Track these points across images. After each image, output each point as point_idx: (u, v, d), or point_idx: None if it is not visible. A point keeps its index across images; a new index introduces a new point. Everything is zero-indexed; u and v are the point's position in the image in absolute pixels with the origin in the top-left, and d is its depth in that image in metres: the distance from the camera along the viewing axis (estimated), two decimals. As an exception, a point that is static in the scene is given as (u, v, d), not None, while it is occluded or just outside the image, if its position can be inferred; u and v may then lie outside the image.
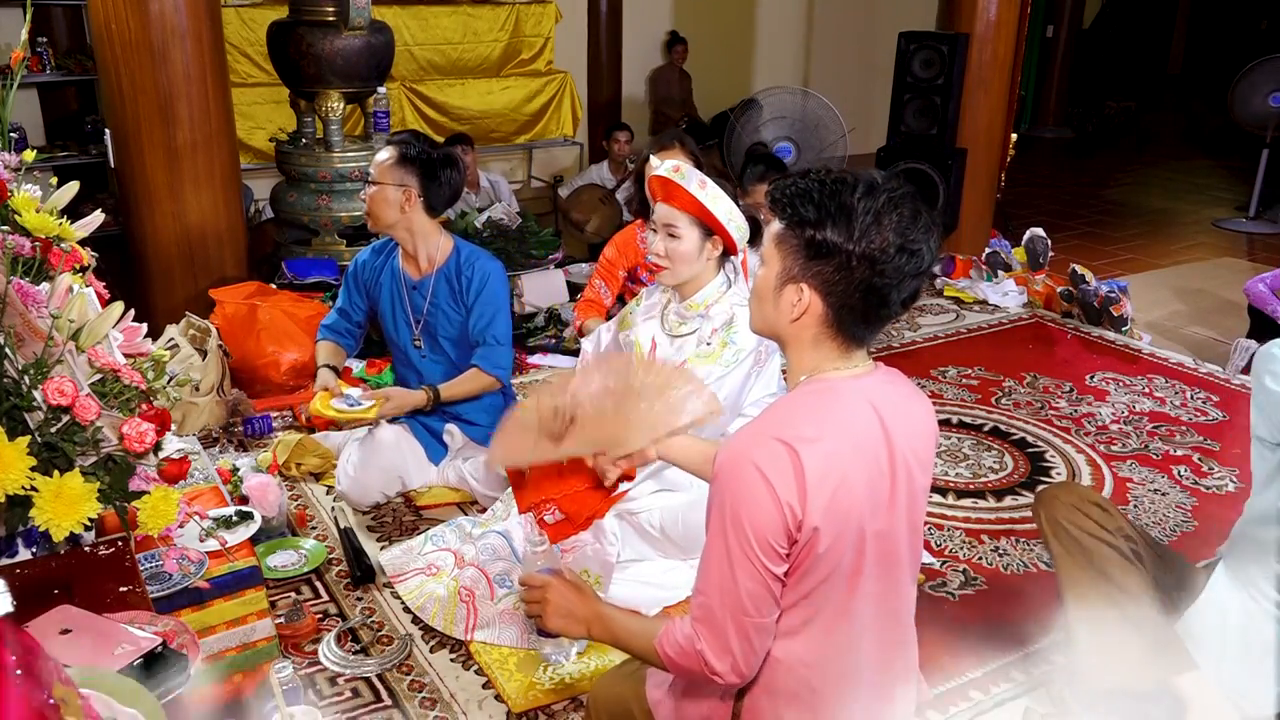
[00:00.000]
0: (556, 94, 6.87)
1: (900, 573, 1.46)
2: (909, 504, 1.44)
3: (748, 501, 1.31)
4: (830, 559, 1.35)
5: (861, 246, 1.31)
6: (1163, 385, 3.93)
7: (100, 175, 5.17)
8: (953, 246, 5.24)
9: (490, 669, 2.23)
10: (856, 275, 1.33)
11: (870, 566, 1.40)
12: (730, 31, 8.31)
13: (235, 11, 5.71)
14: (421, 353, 2.88)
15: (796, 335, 1.41)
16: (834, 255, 1.33)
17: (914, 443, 1.43)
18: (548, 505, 2.52)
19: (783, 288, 1.38)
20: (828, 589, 1.37)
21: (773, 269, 1.40)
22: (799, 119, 5.14)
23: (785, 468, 1.31)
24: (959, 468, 3.24)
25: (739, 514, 1.32)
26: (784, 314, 1.39)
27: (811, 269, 1.35)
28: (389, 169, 2.69)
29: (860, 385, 1.41)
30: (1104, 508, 2.02)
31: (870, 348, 1.46)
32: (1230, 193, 7.54)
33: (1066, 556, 2.00)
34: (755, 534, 1.31)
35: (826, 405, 1.38)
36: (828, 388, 1.40)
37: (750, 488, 1.31)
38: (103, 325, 1.55)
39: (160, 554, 1.96)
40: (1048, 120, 10.27)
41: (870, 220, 1.31)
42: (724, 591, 1.34)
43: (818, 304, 1.37)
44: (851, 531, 1.36)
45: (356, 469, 2.84)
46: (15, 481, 1.33)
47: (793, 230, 1.36)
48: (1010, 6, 5.04)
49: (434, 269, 2.82)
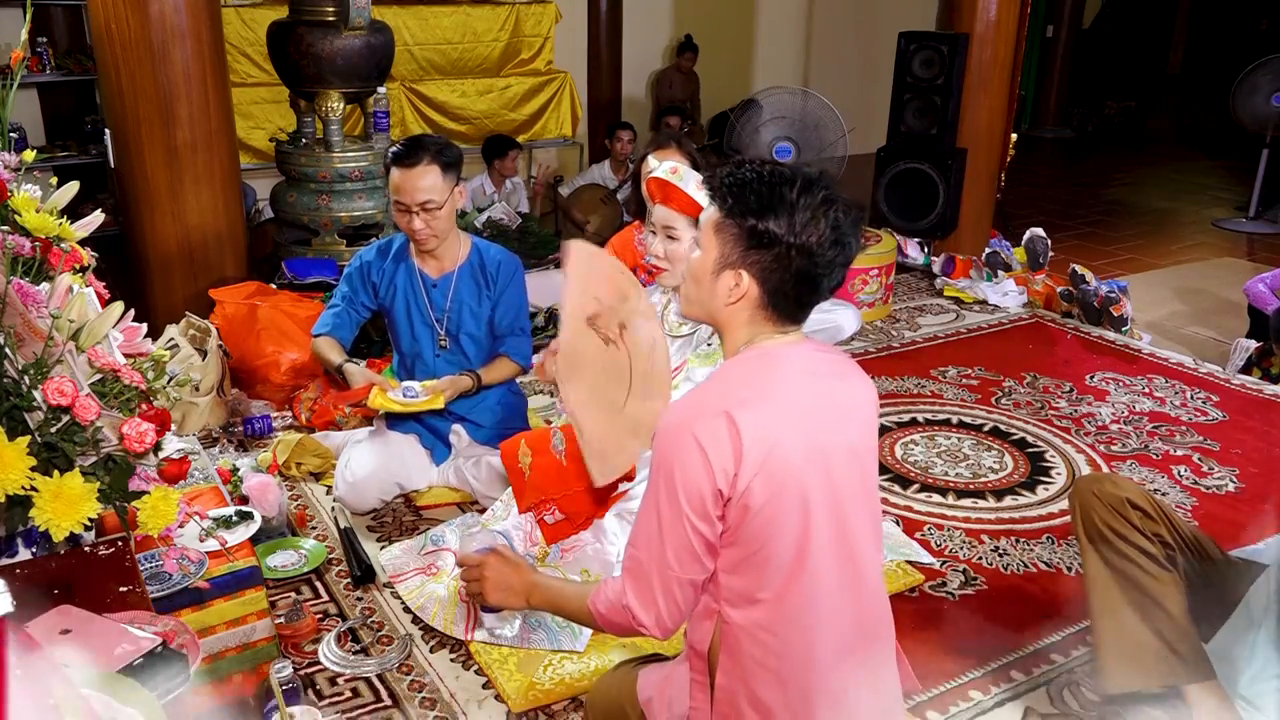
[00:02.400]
0: (556, 94, 6.87)
1: (856, 538, 1.48)
2: (854, 464, 1.47)
3: (681, 464, 1.38)
4: (770, 519, 1.39)
5: (801, 239, 1.40)
6: (1163, 385, 3.93)
7: (100, 175, 5.17)
8: (953, 246, 5.24)
9: (490, 669, 2.23)
10: (793, 265, 1.42)
11: (819, 529, 1.42)
12: (730, 32, 8.32)
13: (235, 11, 5.71)
14: (439, 353, 2.85)
15: (731, 317, 1.49)
16: (773, 245, 1.41)
17: (852, 406, 1.50)
18: (548, 505, 2.53)
19: (720, 273, 1.46)
20: (775, 552, 1.41)
21: (710, 254, 1.47)
22: (799, 119, 5.13)
23: (720, 431, 1.37)
24: (959, 468, 3.24)
25: (672, 475, 1.39)
26: (720, 297, 1.47)
27: (750, 257, 1.43)
28: (441, 184, 2.62)
29: (795, 351, 1.49)
30: (1146, 512, 1.95)
31: (800, 328, 1.54)
32: (1230, 193, 7.54)
33: (1096, 559, 1.96)
34: (687, 494, 1.38)
35: (764, 369, 1.45)
36: (764, 353, 1.47)
37: (684, 452, 1.38)
38: (103, 325, 1.55)
39: (160, 554, 1.96)
40: (1048, 120, 10.27)
41: (808, 216, 1.40)
42: (652, 547, 1.42)
43: (754, 289, 1.45)
44: (792, 493, 1.39)
45: (356, 476, 2.81)
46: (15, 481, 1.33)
47: (733, 219, 1.43)
48: (1010, 6, 5.03)
49: (455, 265, 2.81)
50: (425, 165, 2.60)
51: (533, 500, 2.52)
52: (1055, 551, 2.77)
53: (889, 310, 4.73)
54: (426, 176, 2.60)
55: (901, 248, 5.17)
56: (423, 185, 2.60)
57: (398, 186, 2.63)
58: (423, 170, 2.60)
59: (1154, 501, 1.99)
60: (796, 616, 1.44)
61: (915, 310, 4.79)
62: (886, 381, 3.91)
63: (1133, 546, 1.92)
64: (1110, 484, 2.01)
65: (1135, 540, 1.92)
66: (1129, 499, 1.95)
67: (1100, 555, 1.96)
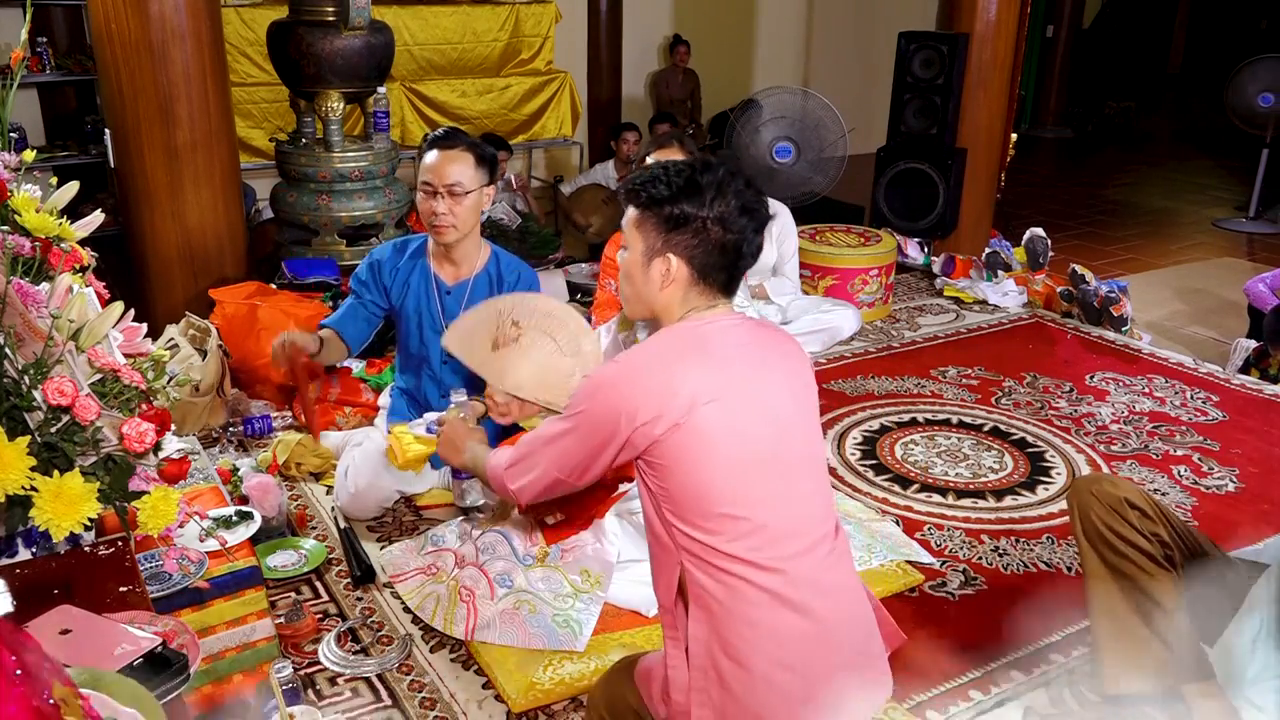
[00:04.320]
0: (556, 94, 6.87)
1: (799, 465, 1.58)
2: (786, 410, 1.58)
3: (602, 403, 1.55)
4: (700, 461, 1.49)
5: (714, 211, 1.55)
6: (1163, 385, 3.93)
7: (100, 175, 5.17)
8: (953, 246, 5.24)
9: (490, 669, 2.23)
10: (713, 236, 1.56)
11: (758, 467, 1.52)
12: (730, 32, 8.32)
13: (235, 11, 5.70)
14: (446, 360, 2.80)
15: (667, 302, 1.61)
16: (690, 223, 1.56)
17: (782, 361, 1.62)
18: (548, 506, 2.52)
19: (650, 262, 1.60)
20: (716, 494, 1.49)
21: (636, 249, 1.61)
22: (799, 119, 5.12)
23: (646, 382, 1.51)
24: (959, 468, 3.24)
25: (593, 409, 1.57)
26: (654, 285, 1.60)
27: (673, 240, 1.57)
28: (473, 173, 2.61)
29: (723, 321, 1.61)
30: (1144, 511, 1.95)
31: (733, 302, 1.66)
32: (1230, 193, 7.54)
33: (1095, 559, 1.97)
34: (596, 428, 1.56)
35: (689, 336, 1.58)
36: (692, 325, 1.60)
37: (606, 393, 1.55)
38: (103, 325, 1.55)
39: (160, 554, 1.96)
40: (1048, 120, 10.27)
41: (715, 191, 1.55)
42: (549, 445, 1.66)
43: (683, 269, 1.58)
44: (722, 437, 1.49)
45: (357, 487, 2.78)
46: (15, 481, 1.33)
47: (650, 210, 1.58)
48: (1010, 6, 5.03)
49: (472, 273, 2.77)
50: (461, 151, 2.63)
51: (533, 500, 2.52)
52: (1055, 551, 2.77)
53: (889, 310, 4.73)
54: (460, 161, 2.61)
55: (901, 248, 5.17)
56: (454, 168, 2.61)
57: (429, 166, 2.62)
58: (458, 154, 2.62)
59: (1152, 502, 1.99)
60: (751, 558, 1.49)
61: (915, 310, 4.79)
62: (886, 381, 3.91)
63: (1131, 546, 1.93)
64: (1109, 484, 2.01)
65: (1134, 540, 1.93)
66: (1127, 499, 1.95)
67: (1099, 555, 1.96)
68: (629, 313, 1.70)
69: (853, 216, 5.55)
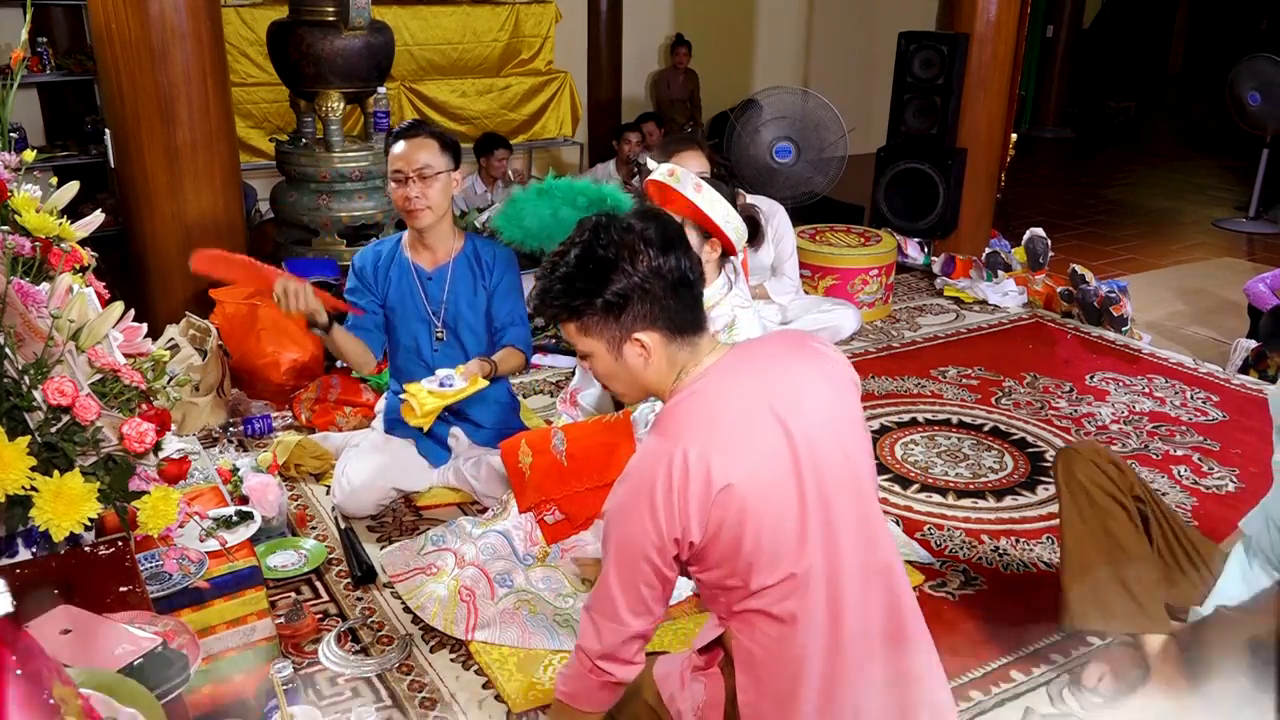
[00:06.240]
0: (556, 94, 6.87)
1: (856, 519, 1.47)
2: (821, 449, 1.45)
3: (629, 529, 1.42)
4: (740, 539, 1.39)
5: (640, 268, 1.44)
6: (1163, 385, 3.93)
7: (100, 175, 5.17)
8: (953, 246, 5.24)
9: (490, 669, 2.23)
10: (656, 289, 1.45)
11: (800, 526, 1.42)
12: (730, 32, 8.31)
13: (235, 11, 5.71)
14: (436, 346, 2.84)
15: (657, 376, 1.50)
16: (633, 295, 1.44)
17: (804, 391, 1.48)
18: (548, 505, 2.53)
19: (621, 353, 1.49)
20: (760, 561, 1.40)
21: (600, 351, 1.50)
22: (799, 119, 5.12)
23: (664, 485, 1.38)
24: (959, 468, 3.24)
25: (623, 541, 1.43)
26: (637, 369, 1.49)
27: (626, 321, 1.46)
28: (440, 156, 2.68)
29: (716, 371, 1.48)
30: (1120, 468, 2.08)
31: (708, 328, 1.54)
32: (1230, 193, 7.54)
33: (1074, 507, 2.06)
34: (633, 556, 1.42)
35: (688, 410, 1.45)
36: (688, 393, 1.47)
37: (632, 517, 1.41)
38: (103, 325, 1.55)
39: (160, 554, 1.96)
40: (1048, 120, 10.26)
41: (623, 251, 1.44)
42: (607, 609, 1.47)
43: (654, 337, 1.47)
44: (756, 510, 1.39)
45: (353, 484, 2.80)
46: (15, 481, 1.33)
47: (587, 314, 1.47)
48: (1010, 6, 5.03)
49: (450, 257, 2.82)
50: (425, 138, 2.69)
51: (533, 500, 2.52)
52: (1055, 551, 2.77)
53: (889, 310, 4.73)
54: (425, 148, 2.67)
55: (901, 248, 5.17)
56: (421, 154, 2.67)
57: (397, 156, 2.68)
58: (423, 141, 2.68)
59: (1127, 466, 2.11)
60: (798, 618, 1.43)
61: (915, 310, 4.79)
62: (886, 381, 3.91)
63: (1110, 499, 2.03)
64: (1087, 448, 2.14)
65: (1114, 493, 2.03)
66: (1106, 457, 2.08)
67: (1077, 504, 2.06)
68: (627, 403, 1.62)
69: (853, 216, 5.55)
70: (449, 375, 2.59)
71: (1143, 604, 2.00)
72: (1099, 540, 2.03)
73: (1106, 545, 2.02)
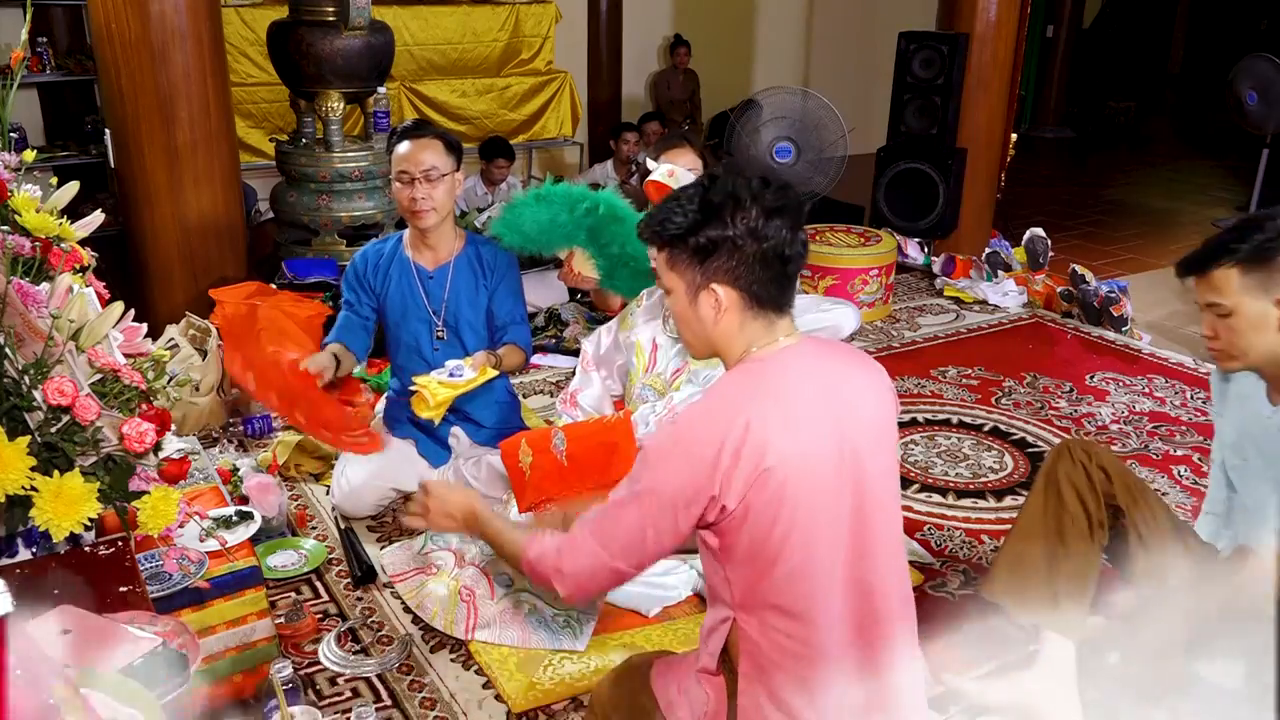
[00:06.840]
0: (556, 94, 6.87)
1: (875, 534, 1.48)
2: (866, 461, 1.46)
3: (666, 472, 1.42)
4: (772, 524, 1.40)
5: (740, 227, 1.44)
6: (1163, 385, 3.93)
7: (100, 175, 5.16)
8: (953, 246, 5.24)
9: (490, 669, 2.23)
10: (748, 252, 1.44)
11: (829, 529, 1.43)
12: (730, 32, 8.31)
13: (235, 11, 5.70)
14: (437, 345, 2.83)
15: (724, 333, 1.50)
16: (721, 246, 1.45)
17: (857, 404, 1.49)
18: (548, 505, 2.52)
19: (696, 299, 1.49)
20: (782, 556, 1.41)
21: (679, 290, 1.51)
22: (799, 119, 5.12)
23: (710, 444, 1.39)
24: (959, 468, 3.24)
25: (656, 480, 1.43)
26: (708, 321, 1.49)
27: (711, 268, 1.46)
28: (445, 157, 2.68)
29: (789, 354, 1.49)
30: (1109, 474, 2.03)
31: (792, 314, 1.53)
32: (1230, 193, 7.54)
33: (1041, 496, 2.06)
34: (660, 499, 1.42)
35: (755, 380, 1.46)
36: (758, 364, 1.48)
37: (671, 461, 1.42)
38: (103, 325, 1.56)
39: (160, 554, 1.96)
40: (1048, 120, 10.26)
41: (732, 204, 1.44)
42: (605, 532, 1.47)
43: (732, 295, 1.47)
44: (793, 498, 1.40)
45: (352, 485, 2.80)
46: (15, 481, 1.33)
47: (675, 247, 1.49)
48: (1010, 6, 5.03)
49: (451, 256, 2.82)
50: (430, 139, 2.69)
51: (533, 500, 2.52)
52: (1055, 551, 2.77)
53: (889, 310, 4.73)
54: (430, 148, 2.68)
55: (901, 248, 5.17)
56: (427, 154, 2.67)
57: (402, 156, 2.67)
58: (428, 141, 2.68)
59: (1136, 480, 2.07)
60: (812, 616, 1.44)
61: (915, 310, 4.79)
62: (886, 381, 3.91)
63: (1079, 503, 2.02)
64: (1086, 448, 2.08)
65: (1085, 499, 2.02)
66: (1101, 463, 2.04)
67: (1045, 495, 2.06)
68: (693, 354, 1.60)
69: (853, 216, 5.55)
70: (458, 365, 2.61)
71: (1060, 604, 2.00)
72: (1050, 534, 2.03)
73: (1053, 541, 2.03)
